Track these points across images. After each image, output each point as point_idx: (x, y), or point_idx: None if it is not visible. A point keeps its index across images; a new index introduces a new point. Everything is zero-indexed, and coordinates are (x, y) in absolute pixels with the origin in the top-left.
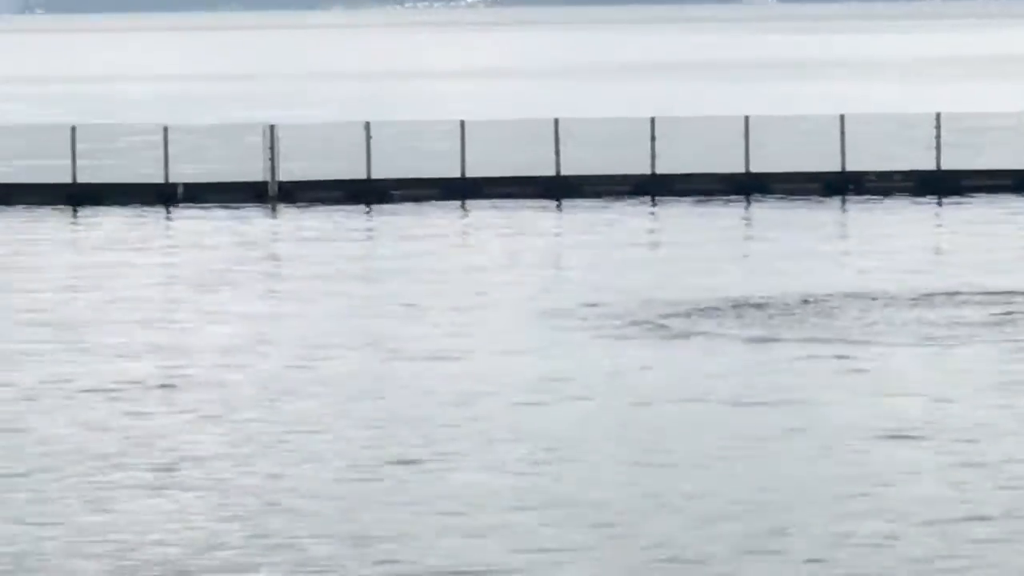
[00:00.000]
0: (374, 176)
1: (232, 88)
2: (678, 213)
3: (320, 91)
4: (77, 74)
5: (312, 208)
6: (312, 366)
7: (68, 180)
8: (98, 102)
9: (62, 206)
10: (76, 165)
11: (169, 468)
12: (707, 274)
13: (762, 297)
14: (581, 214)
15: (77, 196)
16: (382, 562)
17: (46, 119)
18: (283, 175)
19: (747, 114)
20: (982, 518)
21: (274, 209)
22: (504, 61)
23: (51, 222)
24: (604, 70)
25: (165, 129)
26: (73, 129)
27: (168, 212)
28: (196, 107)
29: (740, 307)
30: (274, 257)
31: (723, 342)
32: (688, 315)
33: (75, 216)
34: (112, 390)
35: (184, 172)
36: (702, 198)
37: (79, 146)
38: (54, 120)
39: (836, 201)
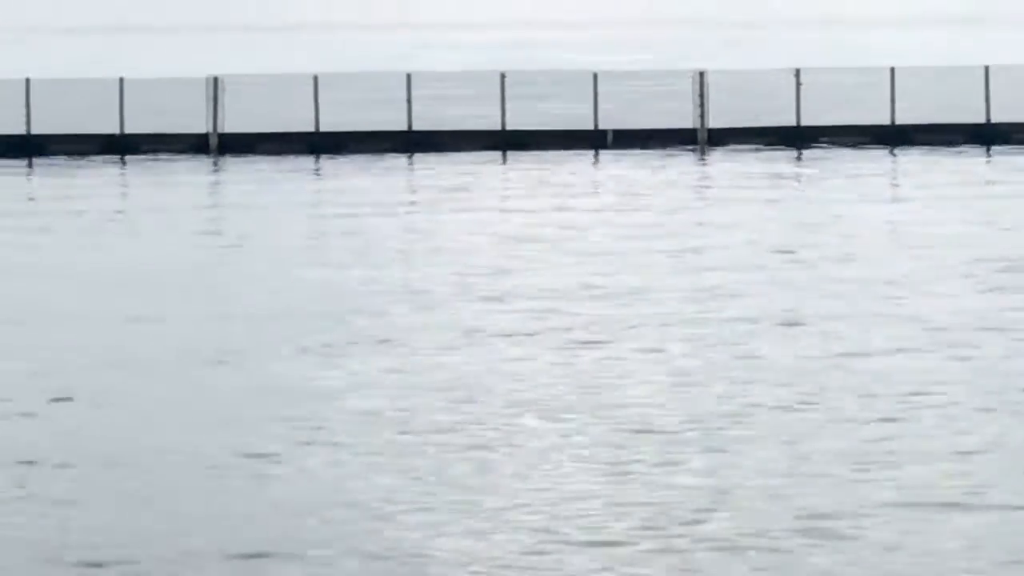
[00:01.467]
0: (803, 123)
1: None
2: None
3: (750, 38)
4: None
5: (742, 154)
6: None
7: (497, 127)
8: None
9: (492, 152)
10: (506, 112)
11: None
12: None
13: None
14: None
15: (507, 141)
16: None
17: (475, 66)
18: (710, 122)
19: None
20: None
21: (703, 154)
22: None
23: (484, 167)
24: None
25: (595, 76)
26: (502, 76)
27: (597, 158)
28: (623, 52)
29: None
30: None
31: None
32: None
33: (504, 162)
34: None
35: (612, 118)
36: None
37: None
38: (482, 67)
39: None
